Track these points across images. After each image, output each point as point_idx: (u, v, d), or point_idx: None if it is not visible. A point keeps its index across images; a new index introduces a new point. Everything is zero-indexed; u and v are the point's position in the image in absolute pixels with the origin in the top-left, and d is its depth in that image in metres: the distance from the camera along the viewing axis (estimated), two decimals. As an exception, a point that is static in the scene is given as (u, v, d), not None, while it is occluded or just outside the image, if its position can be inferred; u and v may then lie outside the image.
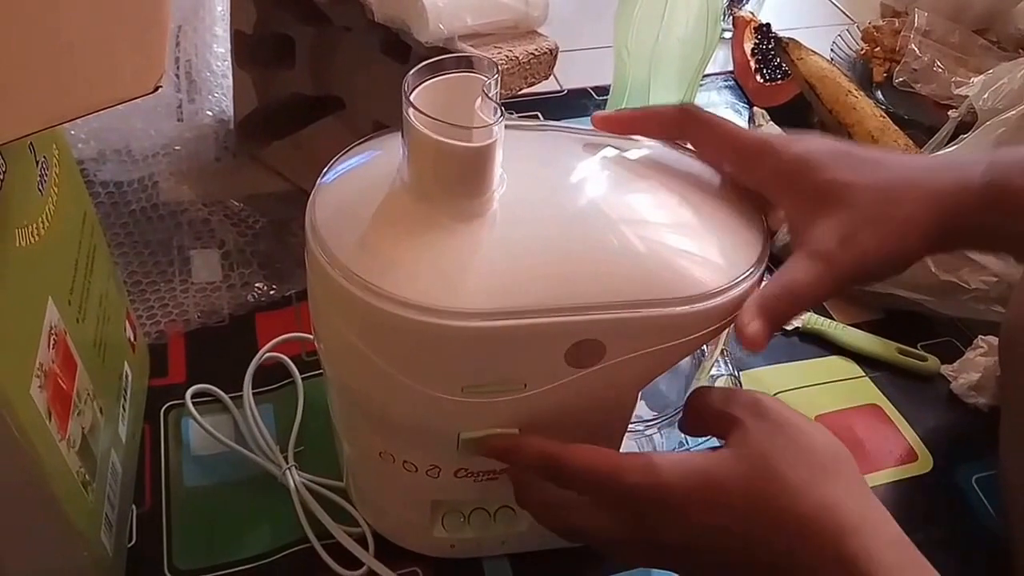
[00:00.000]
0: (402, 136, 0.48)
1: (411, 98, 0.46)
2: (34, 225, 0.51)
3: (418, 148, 0.47)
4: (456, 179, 0.48)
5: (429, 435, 0.54)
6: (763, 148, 0.55)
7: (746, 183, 0.56)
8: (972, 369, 0.80)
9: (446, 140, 0.46)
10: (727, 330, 0.56)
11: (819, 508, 0.46)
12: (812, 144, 0.55)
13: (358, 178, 0.53)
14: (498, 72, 0.48)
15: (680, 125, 0.58)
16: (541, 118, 1.11)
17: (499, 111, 0.47)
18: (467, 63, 0.49)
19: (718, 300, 0.49)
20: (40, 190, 0.53)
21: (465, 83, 0.49)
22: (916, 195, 0.53)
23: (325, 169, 0.53)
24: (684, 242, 0.52)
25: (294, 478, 0.68)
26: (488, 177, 0.48)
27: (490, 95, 0.47)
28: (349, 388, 0.56)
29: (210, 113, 0.97)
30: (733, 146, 0.56)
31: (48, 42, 0.40)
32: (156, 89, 0.36)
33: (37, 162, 0.53)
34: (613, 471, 0.49)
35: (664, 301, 0.48)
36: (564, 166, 0.54)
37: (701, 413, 0.54)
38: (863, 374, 0.82)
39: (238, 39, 0.90)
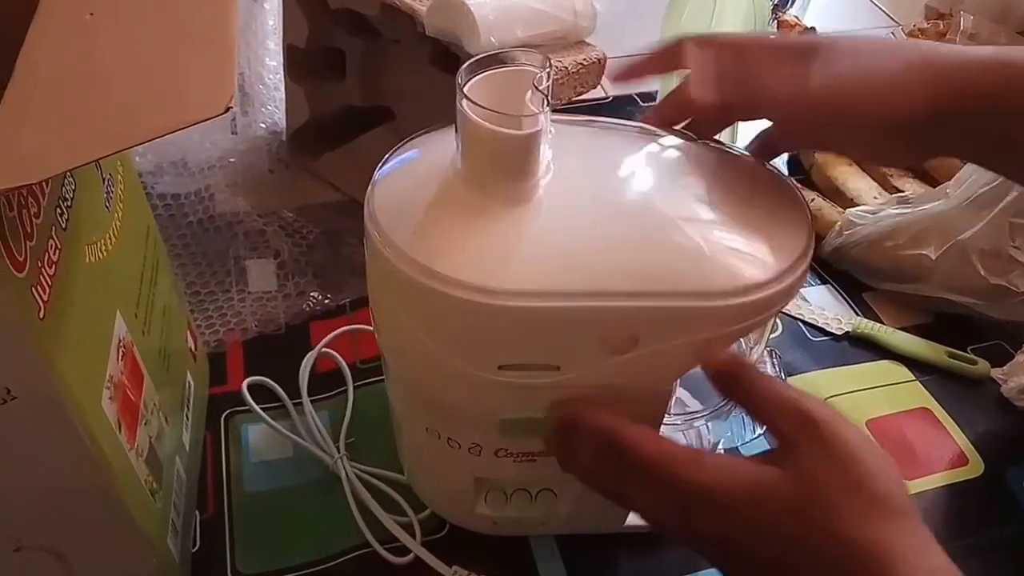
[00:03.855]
0: (456, 127, 0.50)
1: (464, 89, 0.48)
2: (102, 241, 0.52)
3: (469, 136, 0.49)
4: (502, 165, 0.50)
5: (469, 413, 0.56)
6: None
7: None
8: (1022, 372, 0.80)
9: (493, 127, 0.48)
10: (768, 329, 0.57)
11: (869, 543, 0.45)
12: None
13: (413, 169, 0.55)
14: (551, 66, 0.49)
15: (680, 54, 0.59)
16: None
17: (546, 101, 0.48)
18: (521, 58, 0.51)
19: (754, 296, 0.49)
20: (107, 207, 0.54)
21: (517, 77, 0.50)
22: (907, 52, 0.55)
23: (381, 162, 0.55)
24: (724, 236, 0.52)
25: (345, 466, 0.70)
26: (533, 164, 0.50)
27: (541, 87, 0.48)
28: (398, 365, 0.58)
29: (263, 125, 0.99)
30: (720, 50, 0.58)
31: (120, 67, 0.42)
32: (227, 110, 0.37)
33: (103, 179, 0.55)
34: (664, 459, 0.49)
35: (700, 294, 0.49)
36: (611, 158, 0.56)
37: (761, 407, 0.51)
38: (913, 378, 0.82)
39: (290, 53, 0.92)
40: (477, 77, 0.50)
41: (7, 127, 0.37)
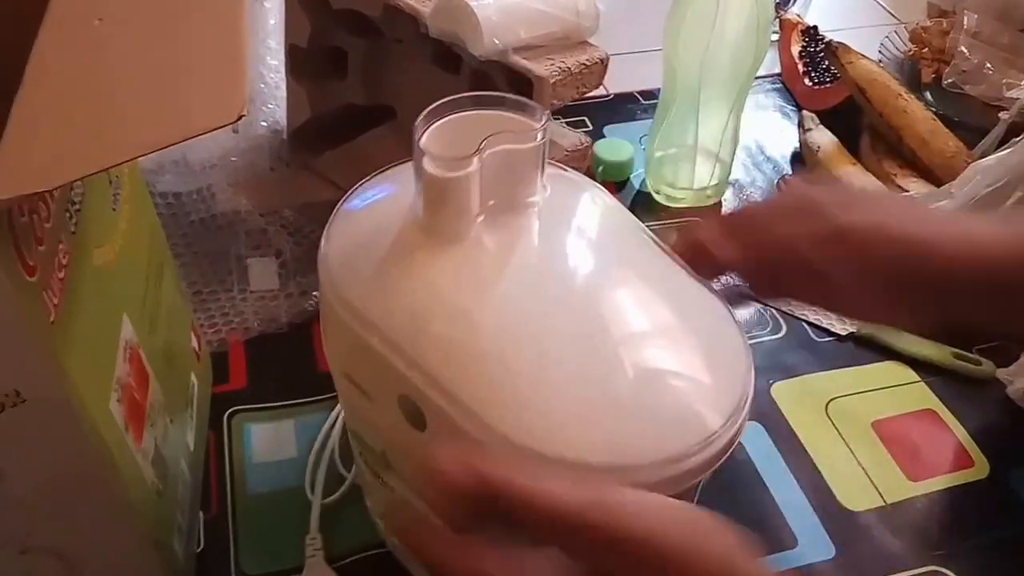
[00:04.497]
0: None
1: (424, 133, 0.49)
2: (109, 244, 0.52)
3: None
4: (433, 207, 0.49)
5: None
6: None
7: None
8: (1028, 373, 0.80)
9: (425, 166, 0.47)
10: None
11: None
12: None
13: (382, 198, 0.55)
14: (546, 122, 0.49)
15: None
16: (588, 123, 1.12)
17: (479, 155, 0.47)
18: (520, 106, 0.50)
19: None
20: (114, 208, 0.54)
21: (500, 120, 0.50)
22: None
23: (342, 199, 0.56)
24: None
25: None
26: (454, 208, 0.49)
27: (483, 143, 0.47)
28: None
29: (264, 124, 0.98)
30: None
31: (130, 73, 0.42)
32: (240, 118, 0.37)
33: (110, 181, 0.55)
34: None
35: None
36: (584, 255, 0.52)
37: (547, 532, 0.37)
38: (918, 379, 0.82)
39: (292, 52, 0.92)
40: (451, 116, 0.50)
41: (19, 134, 0.37)
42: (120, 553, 0.56)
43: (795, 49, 1.20)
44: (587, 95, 0.82)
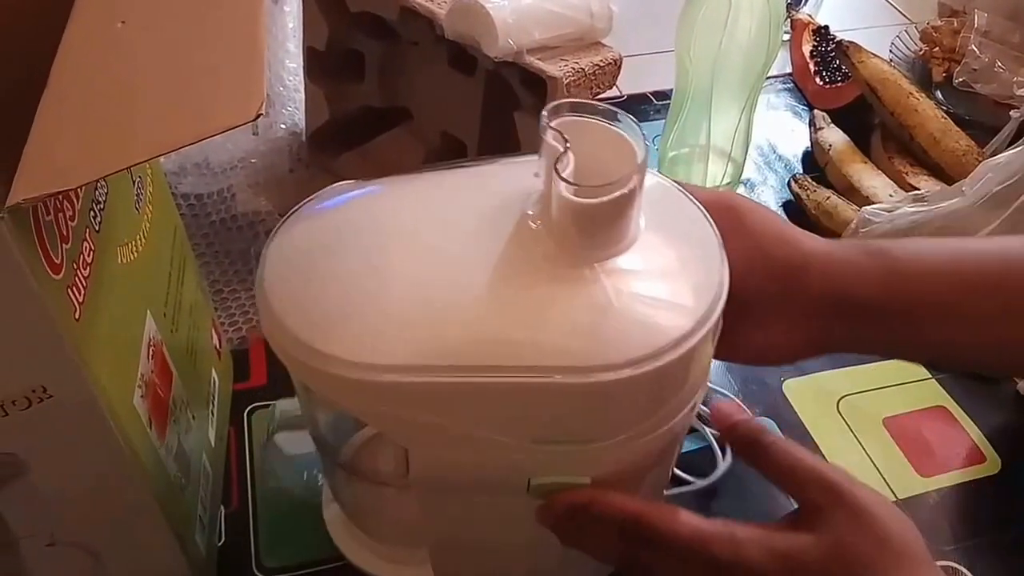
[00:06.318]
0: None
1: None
2: (133, 243, 0.53)
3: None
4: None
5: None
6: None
7: None
8: (1038, 369, 0.80)
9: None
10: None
11: None
12: None
13: None
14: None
15: None
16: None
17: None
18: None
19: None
20: (137, 208, 0.55)
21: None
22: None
23: None
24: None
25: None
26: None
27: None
28: None
29: (283, 126, 0.99)
30: None
31: (151, 74, 0.43)
32: (258, 116, 0.38)
33: (134, 182, 0.56)
34: (696, 539, 0.49)
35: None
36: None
37: (783, 475, 0.52)
38: (929, 376, 0.82)
39: (311, 55, 0.93)
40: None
41: (44, 134, 0.38)
42: (144, 546, 0.56)
43: (806, 48, 1.21)
44: (600, 96, 0.82)
